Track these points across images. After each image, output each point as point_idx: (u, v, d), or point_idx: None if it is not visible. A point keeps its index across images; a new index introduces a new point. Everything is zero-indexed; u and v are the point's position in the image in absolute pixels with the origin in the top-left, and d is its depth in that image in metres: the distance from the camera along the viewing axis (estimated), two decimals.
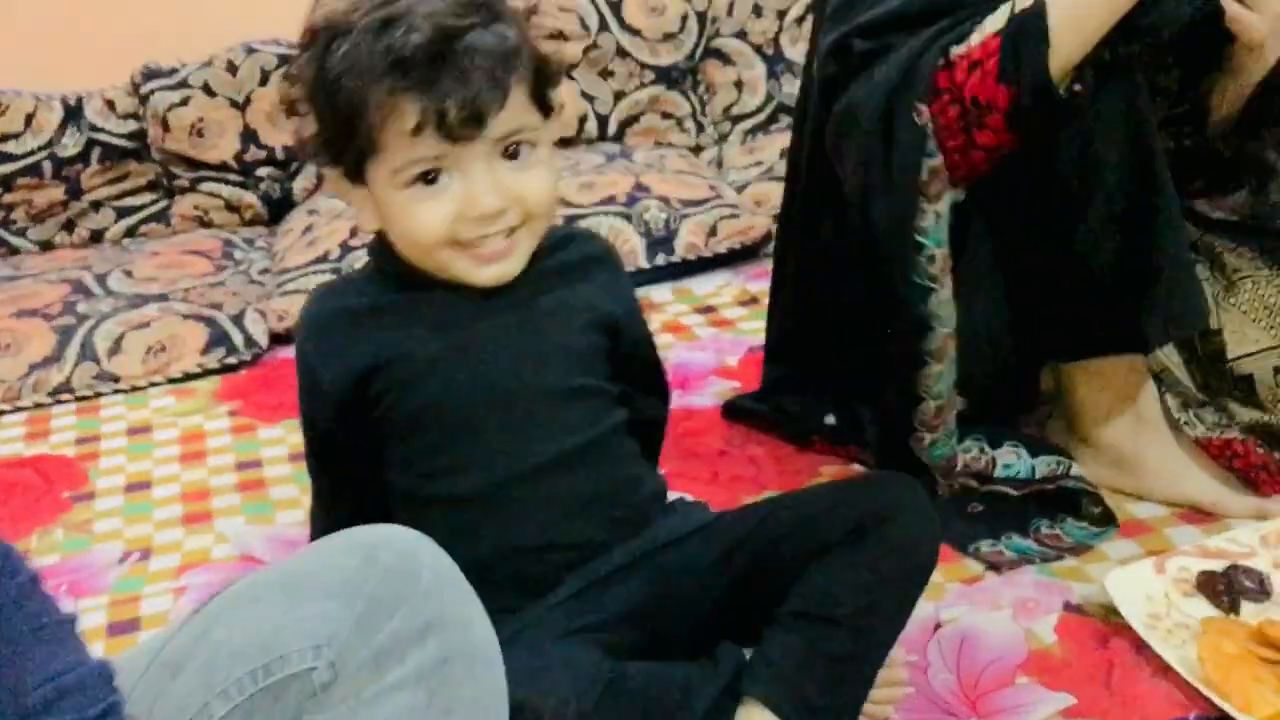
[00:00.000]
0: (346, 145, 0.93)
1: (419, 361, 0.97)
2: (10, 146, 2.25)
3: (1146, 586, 1.12)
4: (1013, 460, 1.27)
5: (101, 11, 2.35)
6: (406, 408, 0.98)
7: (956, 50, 1.12)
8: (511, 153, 0.94)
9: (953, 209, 1.17)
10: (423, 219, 0.93)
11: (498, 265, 0.96)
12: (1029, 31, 1.08)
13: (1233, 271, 1.32)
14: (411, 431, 0.99)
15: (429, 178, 0.92)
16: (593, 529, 0.99)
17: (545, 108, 0.96)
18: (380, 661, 0.69)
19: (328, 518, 1.03)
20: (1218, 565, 1.13)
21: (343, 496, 1.04)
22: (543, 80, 0.95)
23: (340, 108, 0.91)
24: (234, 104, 2.29)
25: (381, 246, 1.00)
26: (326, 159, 0.97)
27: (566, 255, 1.03)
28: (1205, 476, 1.28)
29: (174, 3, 2.37)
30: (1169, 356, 1.33)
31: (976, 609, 1.15)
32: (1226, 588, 1.11)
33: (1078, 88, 1.11)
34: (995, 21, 1.11)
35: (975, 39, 1.12)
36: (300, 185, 2.35)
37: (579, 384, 1.00)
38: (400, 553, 0.72)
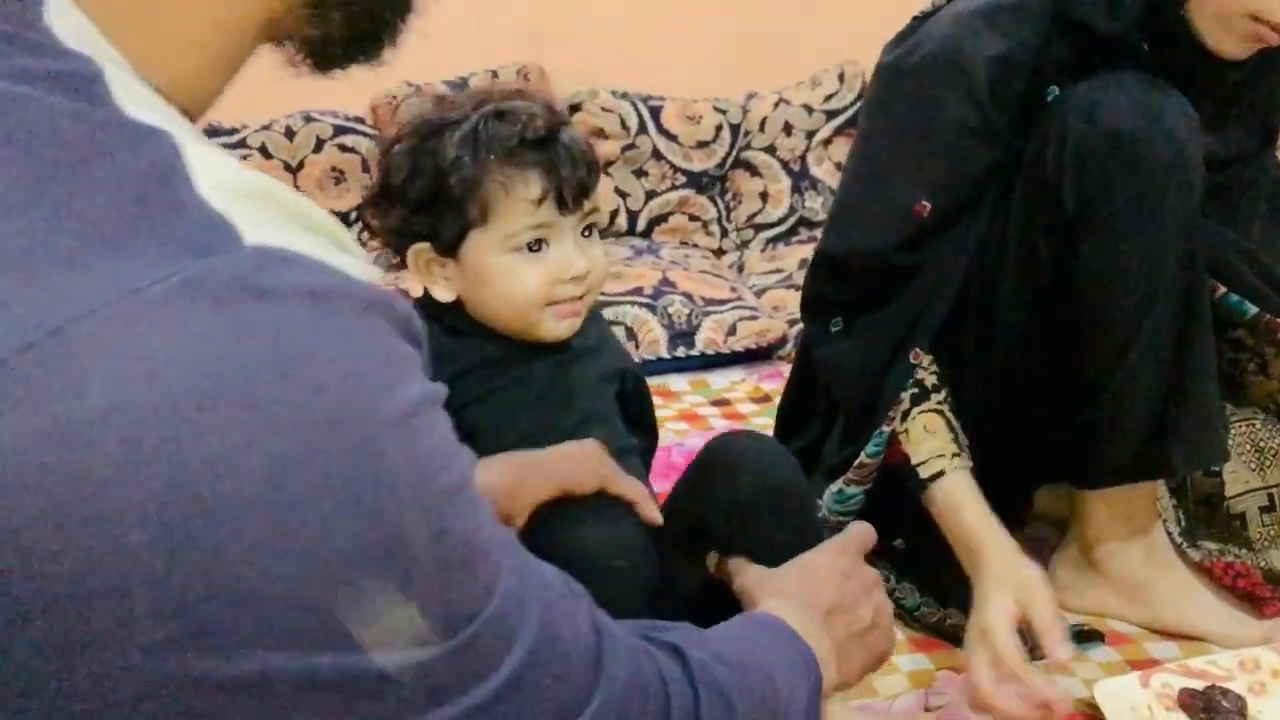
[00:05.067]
0: (453, 219, 1.07)
1: (493, 380, 1.11)
2: None
3: (1132, 698, 1.18)
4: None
5: None
6: (472, 417, 1.10)
7: None
8: (587, 231, 1.11)
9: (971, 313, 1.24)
10: (527, 280, 1.07)
11: (570, 321, 1.11)
12: None
13: (1230, 413, 1.36)
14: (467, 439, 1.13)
15: (534, 245, 1.07)
16: None
17: None
18: None
19: None
20: (1199, 684, 1.18)
21: None
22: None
23: (455, 183, 1.05)
24: (288, 167, 2.42)
25: (440, 308, 1.12)
26: (420, 235, 1.09)
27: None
28: (1213, 603, 1.31)
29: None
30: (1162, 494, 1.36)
31: (965, 697, 1.23)
32: (1206, 706, 1.16)
33: None
34: None
35: None
36: None
37: (598, 410, 1.16)
38: None
